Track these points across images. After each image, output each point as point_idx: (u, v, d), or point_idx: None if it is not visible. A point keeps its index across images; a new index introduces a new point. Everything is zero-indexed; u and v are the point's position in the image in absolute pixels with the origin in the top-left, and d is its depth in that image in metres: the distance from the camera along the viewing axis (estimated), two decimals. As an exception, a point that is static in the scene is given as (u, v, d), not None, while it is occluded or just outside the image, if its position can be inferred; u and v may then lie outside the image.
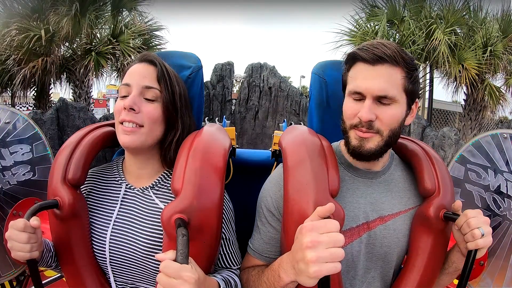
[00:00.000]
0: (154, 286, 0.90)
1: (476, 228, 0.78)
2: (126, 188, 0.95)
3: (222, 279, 0.83)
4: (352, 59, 0.86)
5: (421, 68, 7.53)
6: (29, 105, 8.44)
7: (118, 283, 0.93)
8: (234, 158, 1.30)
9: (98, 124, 1.02)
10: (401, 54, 0.82)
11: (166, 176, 0.96)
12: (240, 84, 9.31)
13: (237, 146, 1.51)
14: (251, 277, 0.89)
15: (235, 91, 9.39)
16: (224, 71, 8.82)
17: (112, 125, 1.02)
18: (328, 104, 1.02)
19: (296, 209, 0.80)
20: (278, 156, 1.26)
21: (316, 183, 0.80)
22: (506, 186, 1.09)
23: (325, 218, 0.71)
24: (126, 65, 7.15)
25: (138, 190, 0.94)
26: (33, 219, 0.78)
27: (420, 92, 7.51)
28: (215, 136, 0.95)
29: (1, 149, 1.20)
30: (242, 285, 0.90)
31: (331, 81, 1.01)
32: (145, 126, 0.88)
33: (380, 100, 0.82)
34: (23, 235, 0.77)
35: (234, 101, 8.93)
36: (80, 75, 7.23)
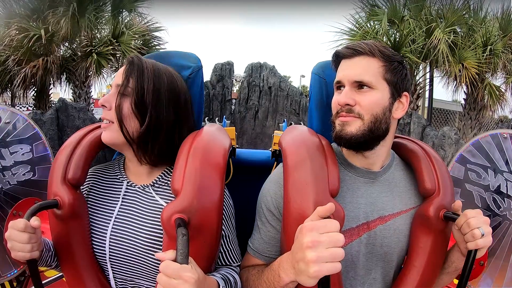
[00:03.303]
0: (153, 283, 0.90)
1: (476, 228, 0.78)
2: (127, 185, 0.95)
3: (222, 278, 0.83)
4: (336, 59, 0.93)
5: (421, 67, 7.51)
6: (29, 105, 8.43)
7: (117, 280, 0.93)
8: (234, 158, 1.30)
9: (98, 124, 1.02)
10: (378, 47, 0.87)
11: (166, 174, 0.96)
12: (240, 84, 9.30)
13: (237, 146, 1.51)
14: (251, 277, 0.89)
15: (235, 91, 9.38)
16: (223, 71, 8.81)
17: None
18: (328, 104, 1.02)
19: (296, 209, 0.80)
20: (278, 156, 1.26)
21: (316, 183, 0.81)
22: (506, 186, 1.09)
23: (325, 218, 0.71)
24: None
25: (139, 188, 0.95)
26: (33, 219, 0.78)
27: (420, 91, 7.43)
28: (215, 136, 0.95)
29: (1, 149, 1.20)
30: (242, 284, 0.91)
31: (331, 81, 1.00)
32: (114, 122, 0.89)
33: (359, 87, 0.86)
34: (23, 236, 0.77)
35: (234, 100, 8.93)
36: (80, 75, 7.22)
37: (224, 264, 0.92)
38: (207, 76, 9.02)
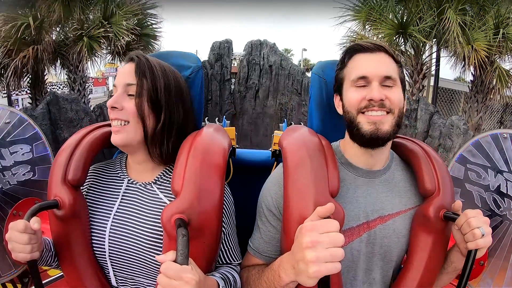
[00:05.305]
0: (154, 281, 0.90)
1: (477, 227, 0.78)
2: (128, 183, 0.95)
3: (221, 278, 0.83)
4: (351, 52, 0.91)
5: (427, 46, 7.14)
6: (27, 89, 7.91)
7: (118, 278, 0.93)
8: (234, 158, 1.30)
9: (98, 125, 1.03)
10: (388, 48, 0.90)
11: (169, 171, 0.96)
12: (239, 62, 8.98)
13: (237, 146, 1.51)
14: (251, 276, 0.90)
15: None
16: (222, 49, 8.41)
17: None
18: (328, 104, 1.02)
19: (296, 209, 0.80)
20: (278, 156, 1.26)
21: (316, 183, 0.81)
22: (506, 186, 1.09)
23: (325, 218, 0.71)
24: (120, 47, 6.81)
25: (140, 185, 0.95)
26: (34, 221, 0.78)
27: (426, 71, 7.08)
28: (214, 136, 0.95)
29: (1, 149, 1.20)
30: (242, 283, 0.91)
31: (331, 81, 1.01)
32: (130, 122, 0.89)
33: (385, 82, 0.86)
34: (23, 237, 0.77)
35: (233, 80, 8.59)
36: (74, 60, 6.91)
37: (224, 262, 0.92)
38: (205, 56, 8.67)
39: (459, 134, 5.57)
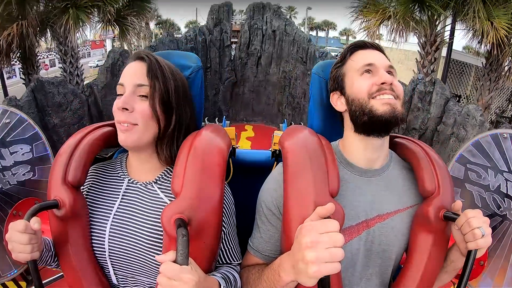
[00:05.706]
0: (154, 280, 0.90)
1: (477, 227, 0.78)
2: (128, 182, 0.95)
3: (222, 277, 0.83)
4: (353, 48, 0.96)
5: (442, 17, 6.85)
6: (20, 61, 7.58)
7: (118, 276, 0.93)
8: (234, 158, 1.30)
9: (98, 125, 1.03)
10: None
11: (169, 171, 0.96)
12: (240, 27, 8.38)
13: (236, 146, 1.51)
14: (251, 276, 0.90)
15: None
16: (221, 14, 7.95)
17: (111, 125, 1.02)
18: (328, 104, 1.03)
19: (296, 209, 0.80)
20: (278, 156, 1.26)
21: (316, 184, 0.81)
22: (506, 186, 1.09)
23: (325, 218, 0.71)
24: (111, 15, 6.51)
25: (141, 185, 0.95)
26: (34, 221, 0.78)
27: (439, 42, 6.52)
28: (214, 136, 0.95)
29: (1, 149, 1.20)
30: (242, 283, 0.91)
31: None
32: (139, 124, 0.88)
33: (389, 71, 0.90)
34: (24, 237, 0.77)
35: (233, 46, 8.03)
36: (62, 32, 6.55)
37: (224, 262, 0.92)
38: (205, 18, 8.08)
39: (475, 125, 5.21)
